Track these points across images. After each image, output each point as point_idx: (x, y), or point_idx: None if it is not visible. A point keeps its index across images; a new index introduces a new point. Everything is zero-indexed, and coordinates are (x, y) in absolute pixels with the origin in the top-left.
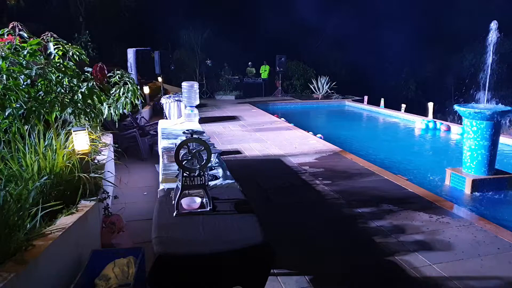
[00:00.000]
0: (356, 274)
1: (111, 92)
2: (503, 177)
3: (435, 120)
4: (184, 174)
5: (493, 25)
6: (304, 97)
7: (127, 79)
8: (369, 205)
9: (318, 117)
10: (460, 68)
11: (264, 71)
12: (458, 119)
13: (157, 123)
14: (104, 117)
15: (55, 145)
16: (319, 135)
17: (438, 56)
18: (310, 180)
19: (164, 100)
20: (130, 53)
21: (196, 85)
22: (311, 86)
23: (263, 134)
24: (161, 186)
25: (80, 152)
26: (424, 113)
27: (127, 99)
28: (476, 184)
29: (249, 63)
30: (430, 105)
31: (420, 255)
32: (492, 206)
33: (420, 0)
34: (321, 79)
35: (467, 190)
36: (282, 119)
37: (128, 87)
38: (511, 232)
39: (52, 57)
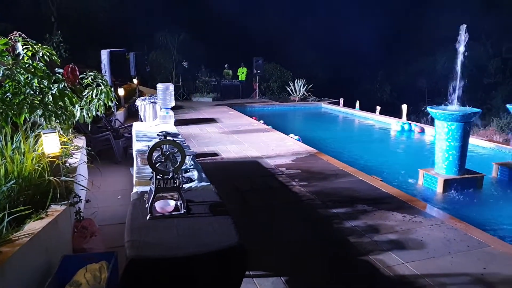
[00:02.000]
0: (331, 274)
1: (83, 94)
2: (472, 176)
3: (409, 122)
4: (158, 177)
5: (462, 28)
6: (281, 100)
7: (100, 80)
8: (344, 206)
9: (295, 119)
10: (433, 71)
11: (242, 73)
12: (431, 121)
13: (131, 126)
14: (76, 119)
15: (24, 148)
16: (296, 137)
17: (412, 59)
18: (286, 182)
19: (139, 102)
20: (104, 54)
21: (171, 86)
22: (288, 89)
23: (240, 136)
24: (135, 189)
25: (50, 155)
26: (398, 115)
27: (100, 101)
28: (448, 184)
29: (226, 65)
30: (404, 107)
31: (394, 254)
32: (462, 205)
33: (395, 5)
34: (298, 81)
35: (439, 189)
36: (261, 121)
37: (101, 89)
38: (480, 230)
39: (20, 58)
